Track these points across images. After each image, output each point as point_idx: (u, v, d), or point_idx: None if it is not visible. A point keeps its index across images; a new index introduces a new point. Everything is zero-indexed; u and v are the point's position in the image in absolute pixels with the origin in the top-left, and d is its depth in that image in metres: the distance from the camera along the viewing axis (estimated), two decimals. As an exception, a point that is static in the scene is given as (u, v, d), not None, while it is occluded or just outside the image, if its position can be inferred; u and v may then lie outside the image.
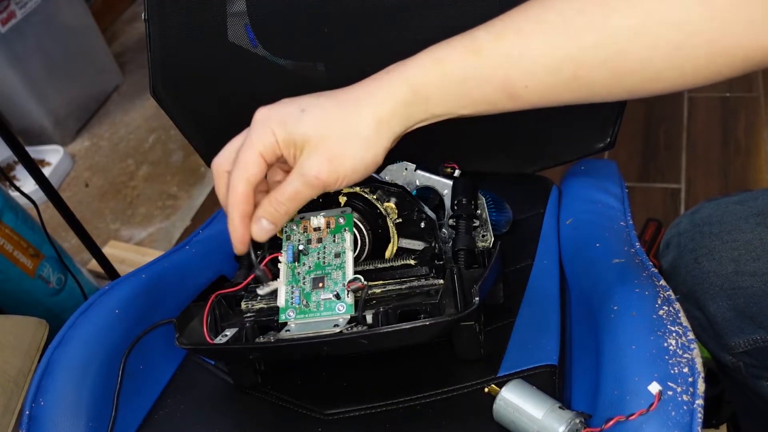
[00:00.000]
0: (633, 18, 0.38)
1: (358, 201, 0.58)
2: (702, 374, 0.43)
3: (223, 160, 0.47)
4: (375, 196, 0.58)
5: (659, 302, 0.47)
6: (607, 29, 0.38)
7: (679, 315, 0.46)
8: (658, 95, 0.42)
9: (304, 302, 0.52)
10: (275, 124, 0.44)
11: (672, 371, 0.43)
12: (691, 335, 0.45)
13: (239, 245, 0.47)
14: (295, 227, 0.56)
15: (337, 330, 0.49)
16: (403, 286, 0.54)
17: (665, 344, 0.44)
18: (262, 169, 0.45)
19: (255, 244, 0.49)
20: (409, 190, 0.59)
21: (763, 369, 0.63)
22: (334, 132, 0.43)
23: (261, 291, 0.54)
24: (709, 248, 0.63)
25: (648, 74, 0.40)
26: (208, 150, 0.79)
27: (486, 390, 0.49)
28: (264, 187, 0.48)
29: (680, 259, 0.66)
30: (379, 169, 0.65)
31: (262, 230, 0.46)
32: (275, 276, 0.55)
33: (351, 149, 0.43)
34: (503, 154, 0.76)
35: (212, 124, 0.78)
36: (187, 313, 0.56)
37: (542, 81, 0.41)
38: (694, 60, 0.38)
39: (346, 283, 0.52)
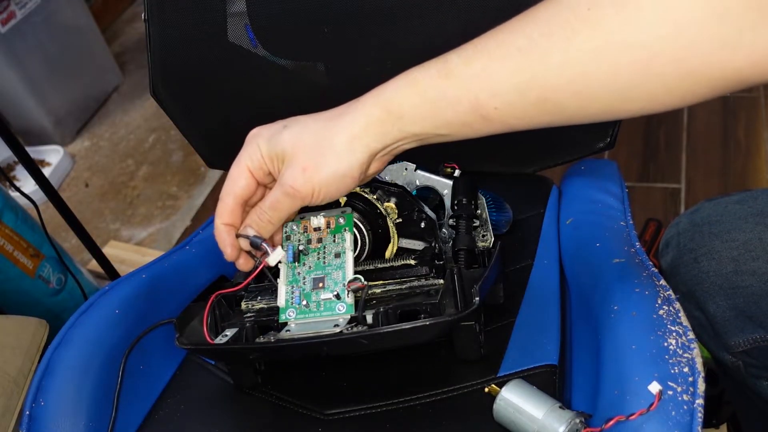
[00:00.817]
0: (594, 40, 0.38)
1: (358, 201, 0.58)
2: (702, 374, 0.43)
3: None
4: (375, 196, 0.58)
5: (659, 302, 0.47)
6: (570, 51, 0.39)
7: (680, 315, 0.46)
8: (637, 117, 0.42)
9: (305, 302, 0.52)
10: (261, 140, 0.48)
11: (672, 371, 0.43)
12: (691, 335, 0.45)
13: (227, 251, 0.51)
14: (295, 227, 0.56)
15: (337, 330, 0.49)
16: (403, 286, 0.54)
17: (665, 344, 0.44)
18: (248, 183, 0.49)
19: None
20: (409, 190, 0.59)
21: (762, 369, 0.63)
22: (309, 144, 0.46)
23: (271, 260, 0.53)
24: (708, 248, 0.63)
25: (615, 95, 0.40)
26: (208, 150, 0.79)
27: (486, 390, 0.49)
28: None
29: (680, 259, 0.66)
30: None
31: (246, 241, 0.50)
32: (275, 275, 0.55)
33: (324, 160, 0.45)
34: (503, 154, 0.76)
35: (212, 124, 0.78)
36: (187, 313, 0.56)
37: (511, 103, 0.41)
38: (662, 81, 0.38)
39: (346, 283, 0.52)
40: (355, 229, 0.55)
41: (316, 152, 0.46)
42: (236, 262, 0.52)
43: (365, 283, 0.52)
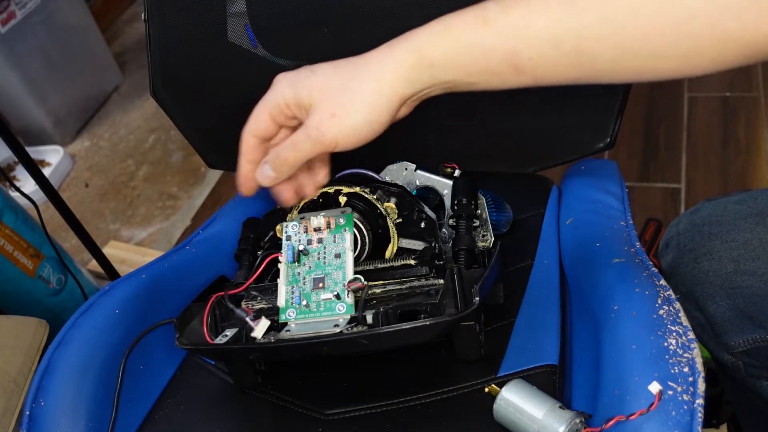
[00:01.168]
0: None
1: (358, 201, 0.58)
2: (702, 374, 0.43)
3: None
4: (375, 196, 0.58)
5: (659, 302, 0.47)
6: (608, 6, 0.39)
7: (680, 315, 0.46)
8: (668, 79, 0.42)
9: (305, 302, 0.52)
10: (285, 84, 0.47)
11: (672, 371, 0.43)
12: (691, 335, 0.45)
13: (243, 183, 0.51)
14: (295, 227, 0.56)
15: (337, 330, 0.49)
16: (403, 286, 0.54)
17: (665, 344, 0.44)
18: (268, 126, 0.49)
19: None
20: (409, 190, 0.59)
21: (762, 369, 0.63)
22: (337, 89, 0.45)
23: (256, 332, 0.52)
24: (708, 248, 0.63)
25: (648, 54, 0.40)
26: (208, 150, 0.79)
27: (486, 390, 0.49)
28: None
29: (680, 259, 0.66)
30: (379, 169, 0.65)
31: (263, 175, 0.49)
32: (274, 277, 0.55)
33: (354, 106, 0.44)
34: (503, 154, 0.76)
35: (212, 124, 0.78)
36: (187, 313, 0.56)
37: (546, 54, 0.41)
38: (695, 42, 0.38)
39: (346, 283, 0.52)
40: (355, 229, 0.55)
41: (344, 98, 0.45)
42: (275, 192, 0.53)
43: (365, 283, 0.52)
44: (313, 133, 0.45)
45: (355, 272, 0.53)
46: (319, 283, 0.53)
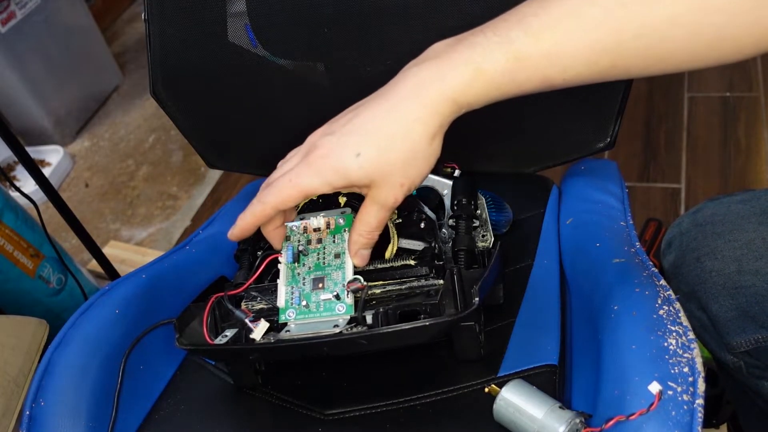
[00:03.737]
0: (675, 6, 0.37)
1: (357, 201, 0.58)
2: (702, 374, 0.43)
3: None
4: (375, 196, 0.58)
5: (659, 302, 0.47)
6: (649, 20, 0.38)
7: (680, 315, 0.46)
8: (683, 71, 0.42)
9: (304, 303, 0.52)
10: (330, 173, 0.46)
11: (672, 371, 0.43)
12: (691, 335, 0.45)
13: (238, 233, 0.51)
14: (295, 228, 0.56)
15: (337, 330, 0.49)
16: (403, 287, 0.54)
17: (665, 344, 0.44)
18: (297, 203, 0.48)
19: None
20: (409, 190, 0.59)
21: (764, 369, 0.63)
22: (396, 165, 0.45)
23: (255, 336, 0.52)
24: (711, 248, 0.63)
25: (685, 58, 0.40)
26: (208, 150, 0.79)
27: (486, 390, 0.49)
28: None
29: (682, 259, 0.65)
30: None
31: (363, 258, 0.52)
32: (274, 278, 0.55)
33: (415, 169, 0.46)
34: (503, 154, 0.76)
35: (212, 124, 0.78)
36: (187, 313, 0.56)
37: (580, 73, 0.41)
38: (736, 40, 0.38)
39: (345, 284, 0.52)
40: (355, 229, 0.55)
41: (407, 168, 0.45)
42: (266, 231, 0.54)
43: (365, 283, 0.52)
44: (390, 203, 0.47)
45: (355, 272, 0.53)
46: (318, 283, 0.53)
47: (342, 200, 0.58)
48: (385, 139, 0.45)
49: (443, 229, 0.61)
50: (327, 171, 0.46)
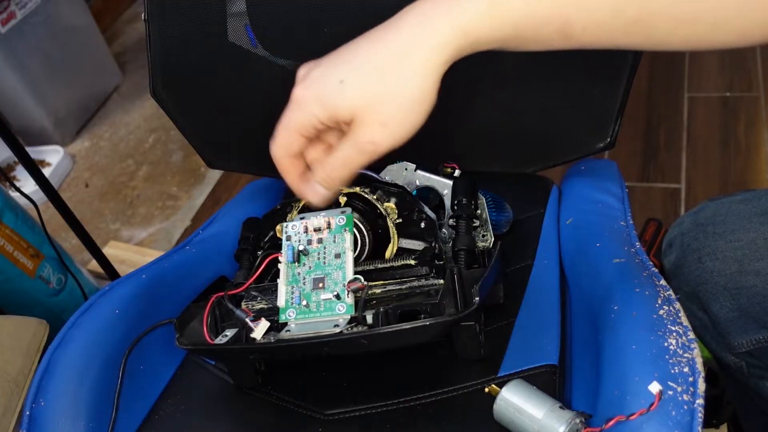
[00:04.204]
0: None
1: (358, 201, 0.58)
2: (702, 374, 0.43)
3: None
4: (375, 196, 0.58)
5: (659, 302, 0.47)
6: None
7: (680, 315, 0.46)
8: (714, 49, 0.40)
9: (305, 302, 0.52)
10: (313, 103, 0.42)
11: (672, 371, 0.43)
12: (691, 335, 0.45)
13: (311, 198, 0.47)
14: (295, 227, 0.56)
15: (338, 330, 0.49)
16: (403, 286, 0.54)
17: (665, 344, 0.44)
18: (300, 144, 0.45)
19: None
20: (409, 190, 0.59)
21: (765, 369, 0.63)
22: (382, 98, 0.41)
23: (256, 333, 0.52)
24: (712, 248, 0.63)
25: (709, 25, 0.38)
26: (208, 150, 0.79)
27: (486, 390, 0.49)
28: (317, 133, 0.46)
29: (683, 259, 0.65)
30: (379, 170, 0.65)
31: (317, 194, 0.46)
32: (274, 277, 0.55)
33: (403, 109, 0.41)
34: (503, 154, 0.76)
35: (212, 124, 0.78)
36: (187, 313, 0.56)
37: (602, 23, 0.39)
38: (756, 16, 0.37)
39: (346, 284, 0.52)
40: (355, 230, 0.55)
41: (391, 104, 0.41)
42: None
43: (365, 283, 0.52)
44: (369, 147, 0.42)
45: (355, 272, 0.53)
46: (319, 283, 0.53)
47: (342, 200, 0.58)
48: (372, 68, 0.41)
49: (443, 229, 0.61)
50: (310, 102, 0.42)
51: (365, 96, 0.41)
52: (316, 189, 0.46)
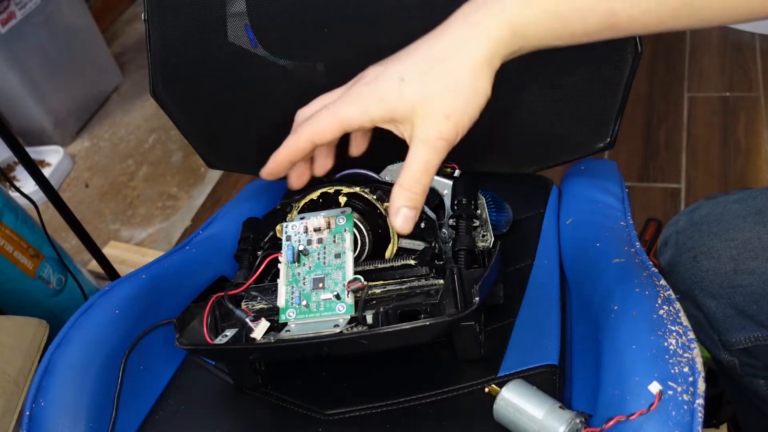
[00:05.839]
0: None
1: (358, 201, 0.58)
2: (702, 374, 0.43)
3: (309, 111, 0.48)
4: (375, 196, 0.58)
5: (659, 302, 0.47)
6: None
7: (680, 315, 0.46)
8: (752, 20, 0.40)
9: (304, 302, 0.52)
10: (371, 101, 0.43)
11: (672, 371, 0.43)
12: (691, 335, 0.45)
13: (271, 171, 0.48)
14: (295, 227, 0.56)
15: (338, 330, 0.49)
16: (403, 287, 0.54)
17: (665, 344, 0.44)
18: (334, 137, 0.45)
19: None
20: (409, 190, 0.59)
21: (760, 368, 0.63)
22: (440, 91, 0.42)
23: (255, 335, 0.52)
24: (707, 247, 0.63)
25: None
26: (208, 150, 0.79)
27: (486, 390, 0.49)
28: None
29: (678, 257, 0.66)
30: (379, 169, 0.65)
31: (406, 219, 0.45)
32: (274, 277, 0.55)
33: (461, 101, 0.42)
34: (503, 154, 0.76)
35: (212, 124, 0.78)
36: (187, 313, 0.56)
37: (649, 10, 0.39)
38: None
39: (346, 284, 0.52)
40: (355, 230, 0.55)
41: (453, 96, 0.42)
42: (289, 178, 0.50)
43: (365, 283, 0.52)
44: (439, 144, 0.43)
45: (355, 272, 0.53)
46: (319, 283, 0.53)
47: (342, 200, 0.58)
48: (427, 63, 0.42)
49: (443, 229, 0.61)
50: (368, 99, 0.43)
51: (425, 90, 0.42)
52: (404, 214, 0.45)
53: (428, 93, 0.42)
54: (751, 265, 0.60)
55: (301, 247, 0.54)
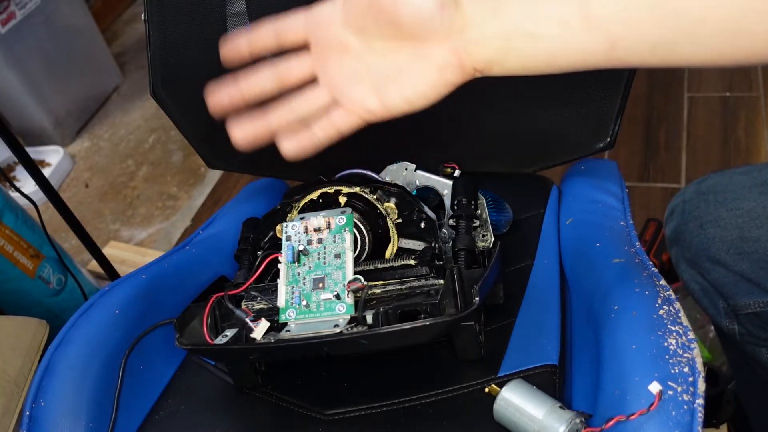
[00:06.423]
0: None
1: (358, 201, 0.58)
2: (702, 374, 0.43)
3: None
4: (375, 197, 0.58)
5: (659, 302, 0.47)
6: None
7: (680, 315, 0.46)
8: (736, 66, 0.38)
9: (304, 302, 0.52)
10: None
11: (672, 371, 0.43)
12: (691, 335, 0.45)
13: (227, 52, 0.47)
14: (295, 227, 0.56)
15: (338, 330, 0.49)
16: (403, 287, 0.54)
17: (665, 344, 0.44)
18: (298, 36, 0.45)
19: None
20: (409, 190, 0.59)
21: (762, 337, 0.64)
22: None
23: (255, 335, 0.52)
24: (713, 215, 0.64)
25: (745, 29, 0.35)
26: (208, 150, 0.79)
27: (486, 390, 0.49)
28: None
29: (684, 225, 0.67)
30: (379, 169, 0.65)
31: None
32: (274, 277, 0.55)
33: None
34: (503, 154, 0.76)
35: (212, 124, 0.77)
36: (187, 313, 0.56)
37: (644, 55, 0.38)
38: None
39: (346, 284, 0.52)
40: (355, 230, 0.55)
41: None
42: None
43: (365, 283, 0.52)
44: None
45: (355, 272, 0.53)
46: (319, 283, 0.53)
47: (342, 200, 0.58)
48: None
49: (443, 229, 0.61)
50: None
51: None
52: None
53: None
54: (756, 233, 0.62)
55: (301, 247, 0.54)
